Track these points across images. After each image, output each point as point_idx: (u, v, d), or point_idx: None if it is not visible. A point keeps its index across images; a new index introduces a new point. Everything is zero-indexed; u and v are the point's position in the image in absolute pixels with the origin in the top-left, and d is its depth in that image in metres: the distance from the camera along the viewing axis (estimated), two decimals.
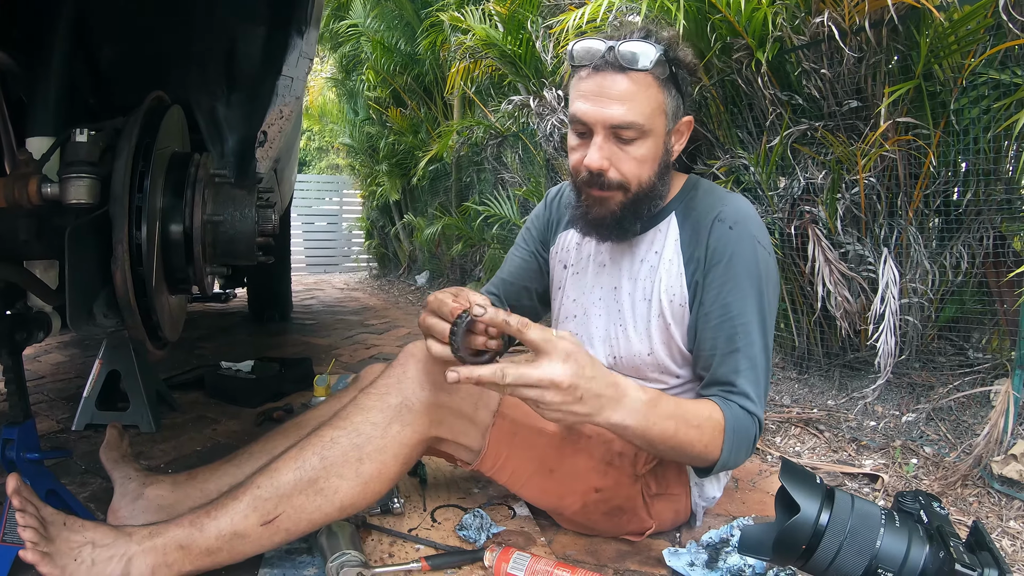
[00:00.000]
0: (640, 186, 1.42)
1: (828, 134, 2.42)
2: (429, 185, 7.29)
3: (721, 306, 1.41)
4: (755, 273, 1.40)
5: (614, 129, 1.36)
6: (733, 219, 1.42)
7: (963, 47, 2.10)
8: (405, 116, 7.21)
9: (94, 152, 1.32)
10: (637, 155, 1.38)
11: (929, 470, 2.08)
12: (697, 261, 1.45)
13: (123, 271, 1.27)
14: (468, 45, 4.65)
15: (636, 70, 1.34)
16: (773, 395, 2.77)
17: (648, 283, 1.51)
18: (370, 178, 9.13)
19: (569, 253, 1.72)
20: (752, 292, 1.40)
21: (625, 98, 1.35)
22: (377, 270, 10.33)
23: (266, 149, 2.09)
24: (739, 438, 1.32)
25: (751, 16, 2.48)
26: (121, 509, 1.48)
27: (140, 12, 1.70)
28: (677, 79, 1.40)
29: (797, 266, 2.67)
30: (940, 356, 2.52)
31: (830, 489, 1.07)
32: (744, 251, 1.40)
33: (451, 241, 6.35)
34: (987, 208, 2.26)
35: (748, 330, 1.39)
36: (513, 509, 1.74)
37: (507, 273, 1.84)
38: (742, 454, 1.36)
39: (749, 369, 1.38)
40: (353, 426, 1.30)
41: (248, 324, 4.99)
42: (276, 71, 1.91)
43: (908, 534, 1.00)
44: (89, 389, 2.28)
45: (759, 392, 1.39)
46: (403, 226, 8.37)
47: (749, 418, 1.35)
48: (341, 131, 9.95)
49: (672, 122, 1.42)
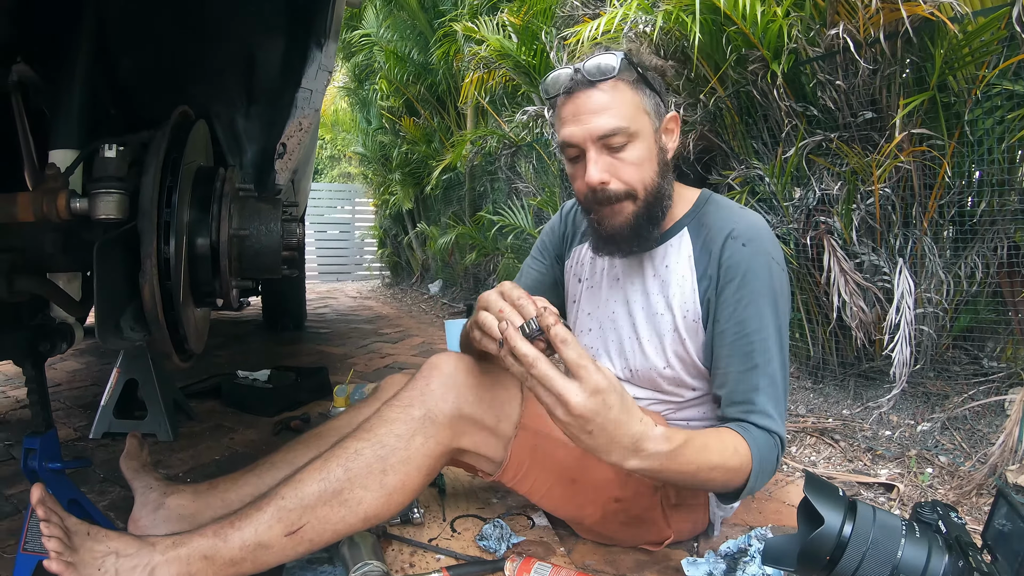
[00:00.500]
0: (646, 189, 1.43)
1: (843, 145, 2.43)
2: (442, 194, 7.31)
3: (736, 323, 1.41)
4: (770, 290, 1.40)
5: (603, 140, 1.38)
6: (747, 236, 1.43)
7: (977, 59, 2.11)
8: (418, 125, 7.23)
9: (122, 167, 1.32)
10: (633, 159, 1.40)
11: (944, 479, 2.08)
12: (710, 278, 1.46)
13: (151, 285, 1.26)
14: (482, 56, 4.66)
15: (606, 79, 1.38)
16: (789, 405, 2.77)
17: (661, 297, 1.52)
18: (383, 187, 9.16)
19: (583, 267, 1.73)
20: (768, 309, 1.40)
21: (604, 108, 1.38)
22: (390, 279, 10.35)
23: (285, 161, 2.10)
24: (764, 466, 1.32)
25: (766, 28, 2.50)
26: (142, 519, 1.48)
27: (160, 23, 1.70)
28: (647, 79, 1.43)
29: (812, 276, 2.68)
30: (955, 365, 2.52)
31: (852, 501, 1.08)
32: (758, 268, 1.41)
33: (464, 250, 6.36)
34: (1001, 218, 2.27)
35: (766, 347, 1.38)
36: (532, 519, 1.74)
37: (523, 286, 1.80)
38: (766, 478, 1.36)
39: (769, 386, 1.37)
40: (377, 438, 1.31)
41: (262, 332, 5.02)
42: (295, 83, 1.92)
43: (928, 544, 1.01)
44: (107, 398, 2.29)
45: (780, 409, 1.38)
46: (416, 235, 8.39)
47: (771, 441, 1.34)
48: (354, 140, 9.97)
49: (657, 120, 1.44)
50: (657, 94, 1.45)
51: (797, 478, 2.20)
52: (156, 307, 1.28)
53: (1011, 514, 1.02)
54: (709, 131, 3.03)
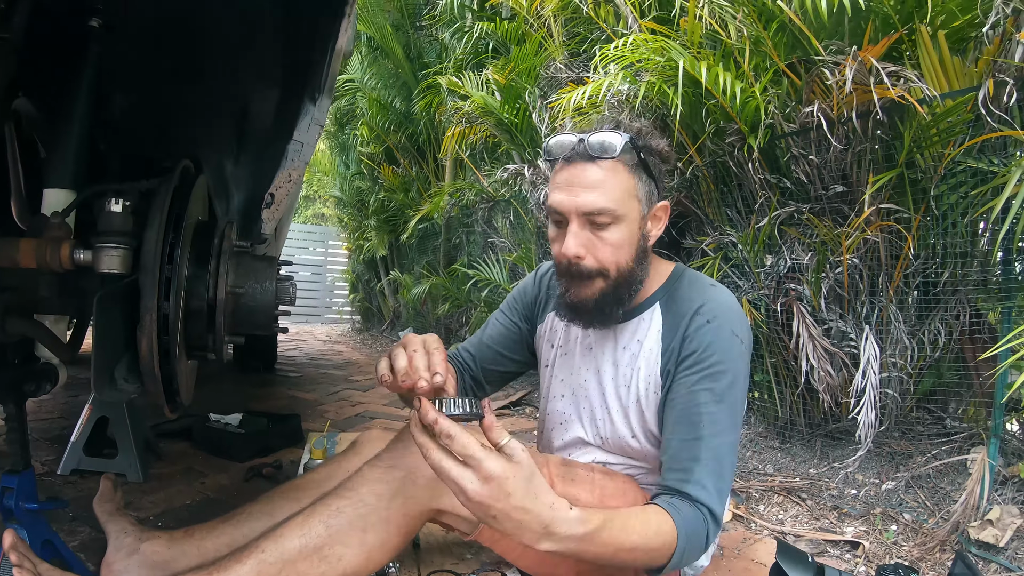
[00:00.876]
0: (619, 271, 1.44)
1: (814, 217, 2.53)
2: (417, 243, 7.30)
3: (688, 393, 1.41)
4: (728, 367, 1.41)
5: (588, 216, 1.40)
6: (712, 313, 1.45)
7: (944, 138, 2.22)
8: (397, 174, 7.26)
9: (127, 222, 1.34)
10: (612, 240, 1.42)
11: (908, 536, 2.13)
12: (672, 351, 1.48)
13: (150, 339, 1.28)
14: (465, 111, 4.71)
15: (605, 158, 1.39)
16: (757, 464, 2.83)
17: (629, 370, 1.55)
18: (358, 232, 9.13)
19: (556, 333, 1.75)
20: (722, 385, 1.40)
21: (596, 185, 1.39)
22: (360, 323, 10.29)
23: (273, 211, 2.12)
24: (691, 544, 1.26)
25: (744, 104, 2.59)
26: (116, 563, 1.46)
27: (156, 64, 1.71)
28: (647, 165, 1.44)
29: (782, 340, 2.75)
30: (919, 425, 2.60)
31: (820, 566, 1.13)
32: (719, 344, 1.42)
33: (438, 301, 6.35)
34: (964, 286, 2.37)
35: (714, 420, 1.37)
36: (504, 575, 1.75)
37: (487, 337, 1.86)
38: (694, 556, 1.30)
39: (710, 460, 1.34)
40: (359, 497, 1.33)
41: (233, 373, 4.95)
42: (287, 135, 1.93)
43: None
44: (77, 434, 2.25)
45: (719, 485, 1.33)
46: (389, 282, 8.36)
47: (699, 517, 1.29)
48: (331, 183, 9.93)
49: (647, 206, 1.46)
50: (654, 180, 1.47)
51: (765, 536, 2.24)
52: (153, 361, 1.29)
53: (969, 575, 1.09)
54: (685, 197, 3.12)
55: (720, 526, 1.34)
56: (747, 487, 2.60)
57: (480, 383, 1.84)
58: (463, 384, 1.81)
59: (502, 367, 1.86)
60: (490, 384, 1.87)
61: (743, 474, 2.75)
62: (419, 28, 6.83)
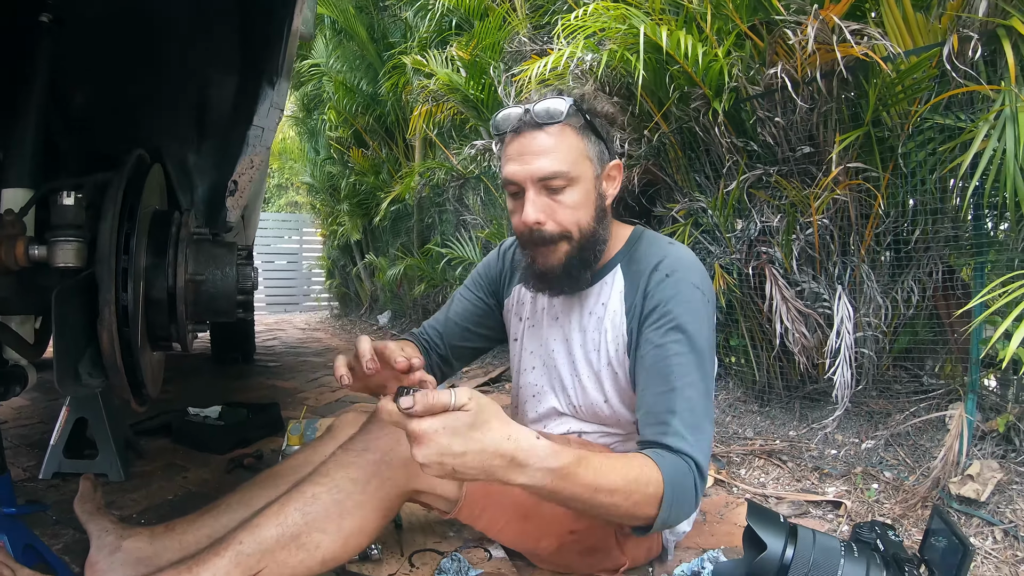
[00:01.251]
0: (581, 232, 1.47)
1: (782, 179, 2.52)
2: (391, 225, 7.28)
3: (655, 347, 1.42)
4: (692, 317, 1.42)
5: (543, 181, 1.43)
6: (671, 268, 1.47)
7: (910, 95, 2.20)
8: (367, 156, 7.21)
9: (80, 215, 1.32)
10: (570, 202, 1.44)
11: (890, 494, 2.14)
12: (634, 309, 1.49)
13: (110, 332, 1.26)
14: (431, 89, 4.68)
15: (552, 123, 1.42)
16: (737, 428, 2.83)
17: (596, 335, 1.56)
18: (331, 217, 9.08)
19: (524, 306, 1.77)
20: (688, 334, 1.41)
21: (547, 151, 1.42)
22: (338, 310, 10.25)
23: (236, 198, 2.08)
24: (679, 494, 1.26)
25: (708, 67, 2.57)
26: (99, 562, 1.45)
27: (112, 57, 1.68)
28: (594, 126, 1.48)
29: (756, 304, 2.75)
30: (896, 384, 2.60)
31: (793, 526, 1.13)
32: (680, 296, 1.43)
33: (413, 282, 6.33)
34: (935, 243, 2.36)
35: (684, 371, 1.38)
36: (489, 552, 1.75)
37: (453, 314, 1.87)
38: (684, 509, 1.28)
39: (686, 410, 1.34)
40: (334, 482, 1.32)
41: (211, 366, 4.94)
42: (247, 121, 1.90)
43: (867, 562, 1.07)
44: (56, 437, 2.23)
45: (698, 436, 1.33)
46: (364, 266, 8.33)
47: (684, 466, 1.29)
48: (302, 169, 9.87)
49: (599, 166, 1.49)
50: (603, 141, 1.50)
51: (747, 499, 2.24)
52: (115, 353, 1.28)
53: (945, 530, 1.08)
54: (653, 165, 3.10)
55: (706, 479, 1.33)
56: (728, 452, 2.61)
57: (448, 361, 1.86)
58: (430, 364, 1.82)
59: (470, 343, 1.88)
60: (459, 361, 1.89)
61: (723, 439, 2.76)
62: (382, 8, 6.75)
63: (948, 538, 1.08)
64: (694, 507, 1.32)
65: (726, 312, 2.95)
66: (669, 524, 1.29)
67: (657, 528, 1.28)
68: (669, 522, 1.28)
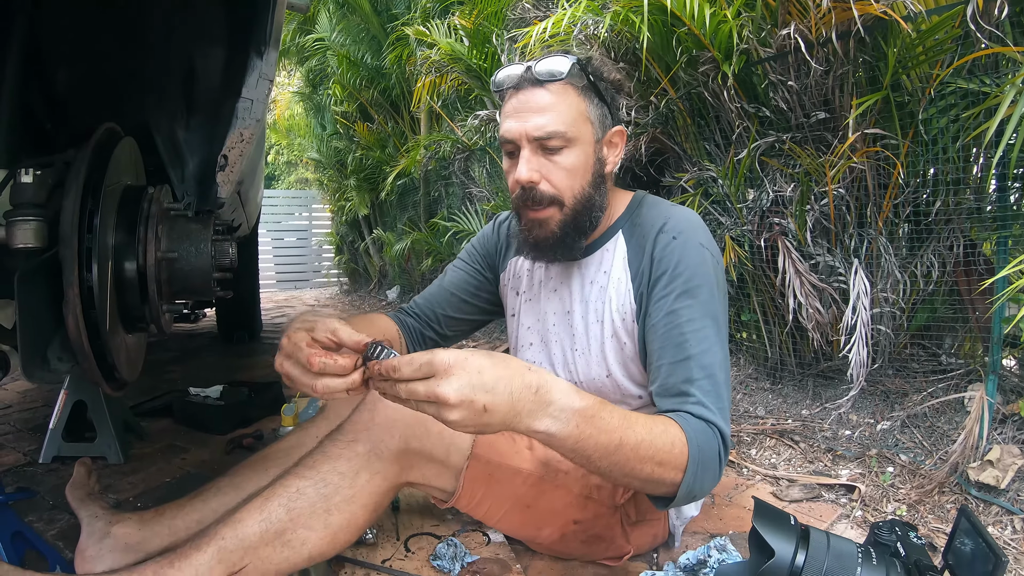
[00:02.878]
0: (575, 198, 1.42)
1: (796, 146, 2.42)
2: (398, 200, 7.23)
3: (668, 314, 1.36)
4: (703, 279, 1.36)
5: (539, 141, 1.38)
6: (677, 230, 1.41)
7: (931, 57, 2.10)
8: (372, 131, 7.15)
9: (40, 193, 1.28)
10: (566, 164, 1.40)
11: (906, 478, 2.07)
12: (642, 274, 1.43)
13: (75, 315, 1.22)
14: (434, 59, 4.61)
15: (554, 81, 1.37)
16: (748, 407, 2.77)
17: (600, 304, 1.50)
18: (339, 193, 9.06)
19: (520, 280, 1.72)
20: (702, 299, 1.35)
21: (546, 109, 1.37)
22: (348, 285, 10.24)
23: (227, 173, 2.04)
24: (704, 458, 1.20)
25: (717, 29, 2.47)
26: (88, 549, 1.43)
27: (96, 34, 1.65)
28: (598, 88, 1.43)
29: (768, 278, 2.67)
30: (913, 363, 2.52)
31: (805, 529, 1.05)
32: (690, 259, 1.37)
33: (421, 256, 6.30)
34: (956, 216, 2.26)
35: (700, 337, 1.32)
36: (488, 536, 1.72)
37: (448, 283, 1.83)
38: (708, 478, 1.22)
39: (705, 379, 1.29)
40: (320, 476, 1.26)
41: (218, 345, 4.92)
42: (235, 93, 1.87)
43: (886, 570, 0.98)
44: (55, 421, 2.22)
45: (720, 404, 1.28)
46: (373, 241, 8.30)
47: (709, 431, 1.23)
48: (309, 145, 9.86)
49: (600, 131, 1.44)
50: (607, 105, 1.44)
51: (758, 481, 2.18)
52: (81, 337, 1.24)
53: (972, 533, 1.00)
54: (661, 133, 3.00)
55: (729, 449, 1.28)
56: (738, 431, 2.54)
57: (444, 336, 1.81)
58: (421, 338, 1.78)
59: (465, 314, 1.83)
60: (454, 334, 1.84)
61: (734, 417, 2.69)
62: None
63: (976, 543, 0.99)
64: (718, 477, 1.25)
65: (737, 286, 2.87)
66: (694, 495, 1.22)
67: (681, 498, 1.21)
68: (694, 491, 1.21)
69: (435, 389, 0.96)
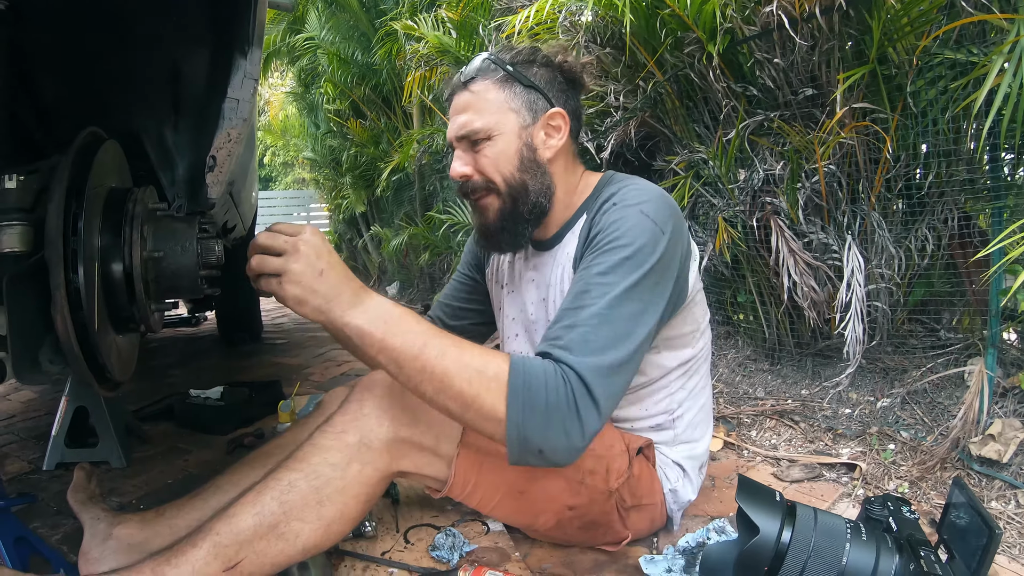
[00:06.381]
0: (506, 183, 1.48)
1: (784, 124, 2.40)
2: (393, 195, 7.20)
3: (584, 268, 1.33)
4: (633, 241, 1.30)
5: (464, 139, 1.48)
6: (624, 199, 1.40)
7: (917, 28, 2.07)
8: (365, 127, 7.13)
9: (25, 198, 1.29)
10: (491, 154, 1.46)
11: (907, 455, 2.07)
12: (582, 243, 1.44)
13: (63, 316, 1.23)
14: (422, 53, 4.59)
15: (472, 80, 1.48)
16: (747, 388, 2.76)
17: (563, 285, 1.52)
18: (335, 191, 9.07)
19: (503, 273, 1.75)
20: (623, 256, 1.29)
21: (465, 108, 1.48)
22: None
23: (216, 174, 2.05)
24: (533, 395, 1.13)
25: (700, 9, 2.45)
26: (91, 550, 1.45)
27: (81, 39, 1.66)
28: (518, 76, 1.47)
29: (762, 258, 2.66)
30: (912, 339, 2.50)
31: (791, 505, 1.04)
32: (626, 222, 1.33)
33: (418, 251, 6.29)
34: (950, 188, 2.24)
35: (604, 291, 1.25)
36: (487, 525, 1.73)
37: (444, 296, 1.92)
38: (543, 420, 1.13)
39: (588, 328, 1.21)
40: (311, 467, 1.27)
41: (219, 347, 4.92)
42: (221, 94, 1.88)
43: (876, 546, 0.97)
44: (57, 427, 2.24)
45: (594, 357, 1.19)
46: (370, 237, 8.31)
47: (557, 372, 1.16)
48: (304, 145, 9.87)
49: (529, 115, 1.48)
50: (536, 90, 1.48)
51: (758, 463, 2.18)
52: (70, 338, 1.25)
53: (966, 506, 0.99)
54: (650, 117, 2.99)
55: (598, 401, 1.17)
56: (738, 413, 2.54)
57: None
58: None
59: (469, 320, 1.90)
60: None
61: (733, 399, 2.68)
62: None
63: (971, 516, 0.97)
64: (566, 428, 1.15)
65: (732, 267, 2.86)
66: (528, 439, 1.15)
67: (513, 441, 1.16)
68: (526, 434, 1.14)
69: (294, 236, 1.19)
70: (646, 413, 1.58)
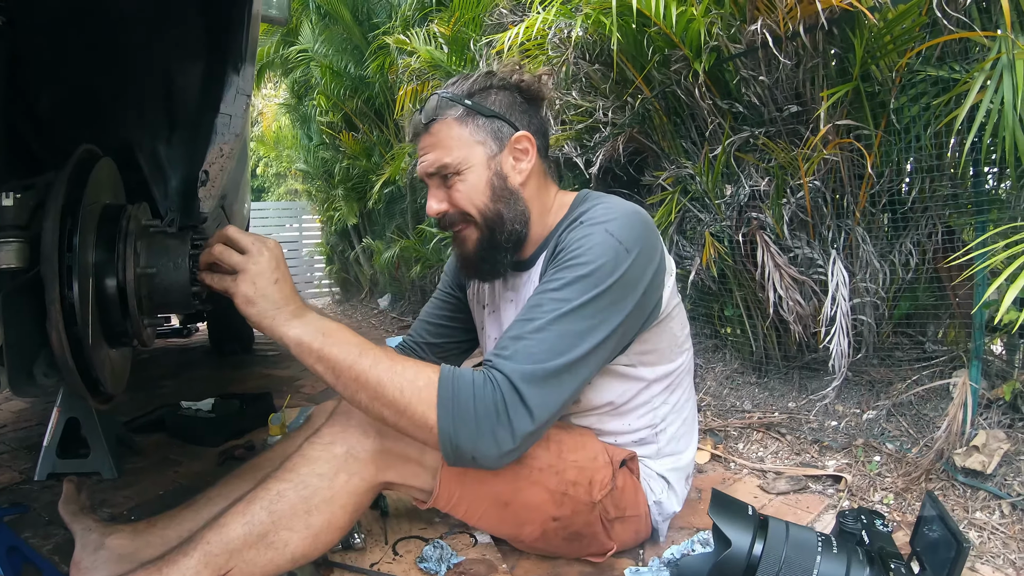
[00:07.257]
0: (482, 213, 1.49)
1: (769, 141, 2.43)
2: (385, 208, 7.21)
3: (542, 284, 1.35)
4: (594, 260, 1.31)
5: (434, 177, 1.51)
6: (590, 217, 1.41)
7: (899, 46, 2.11)
8: (357, 140, 7.13)
9: (22, 215, 1.30)
10: (463, 188, 1.47)
11: (892, 467, 2.09)
12: (548, 260, 1.46)
13: (58, 331, 1.24)
14: (414, 67, 4.62)
15: (431, 121, 1.49)
16: (734, 401, 2.78)
17: None
18: (327, 203, 9.03)
19: (484, 293, 1.76)
20: (575, 275, 1.31)
21: (430, 148, 1.50)
22: (340, 295, 10.22)
23: (209, 188, 2.07)
24: (461, 403, 1.19)
25: (687, 27, 2.48)
26: (83, 560, 1.47)
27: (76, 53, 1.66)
28: (479, 108, 1.48)
29: (749, 272, 2.68)
30: (897, 351, 2.53)
31: (764, 519, 1.06)
32: (589, 241, 1.34)
33: (410, 263, 6.30)
34: (933, 203, 2.28)
35: (555, 307, 1.27)
36: (475, 537, 1.74)
37: (425, 314, 1.93)
38: (472, 427, 1.19)
39: (534, 341, 1.24)
40: (300, 478, 1.30)
41: (210, 358, 4.93)
42: (214, 109, 1.89)
43: (847, 559, 0.99)
44: (49, 438, 2.21)
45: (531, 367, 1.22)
46: (362, 250, 8.29)
47: (488, 380, 1.21)
48: (296, 157, 9.84)
49: (495, 144, 1.49)
50: (498, 117, 1.49)
51: (745, 475, 2.20)
52: (65, 353, 1.26)
53: (939, 520, 1.01)
54: (638, 132, 3.02)
55: (532, 409, 1.21)
56: (725, 425, 2.56)
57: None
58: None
59: (450, 338, 1.90)
60: (442, 359, 1.86)
61: (721, 412, 2.70)
62: None
63: (942, 529, 1.00)
64: (496, 435, 1.20)
65: (719, 281, 2.89)
66: (460, 448, 1.20)
67: (447, 448, 1.22)
68: (458, 442, 1.20)
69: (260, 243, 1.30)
70: (629, 428, 1.59)
